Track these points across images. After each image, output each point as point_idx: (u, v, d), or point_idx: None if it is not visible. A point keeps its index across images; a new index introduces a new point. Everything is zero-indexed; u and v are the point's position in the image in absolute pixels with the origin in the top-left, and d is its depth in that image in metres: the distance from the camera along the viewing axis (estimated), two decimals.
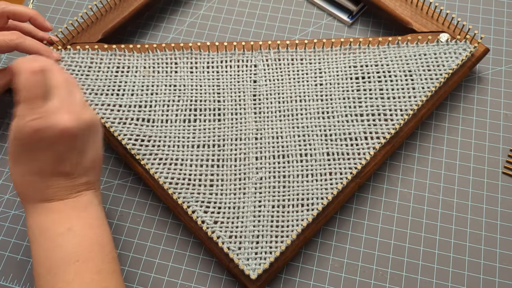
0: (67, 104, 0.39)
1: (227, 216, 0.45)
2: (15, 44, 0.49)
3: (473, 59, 0.51)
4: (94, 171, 0.42)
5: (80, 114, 0.39)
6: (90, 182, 0.42)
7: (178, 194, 0.46)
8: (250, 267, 0.43)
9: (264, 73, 0.51)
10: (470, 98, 0.54)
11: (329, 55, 0.52)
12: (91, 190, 0.42)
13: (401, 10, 0.54)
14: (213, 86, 0.51)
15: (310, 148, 0.47)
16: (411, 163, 0.51)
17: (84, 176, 0.41)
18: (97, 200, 0.42)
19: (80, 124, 0.39)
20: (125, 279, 0.47)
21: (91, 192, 0.42)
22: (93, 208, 0.41)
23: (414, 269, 0.46)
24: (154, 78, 0.51)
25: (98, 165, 0.43)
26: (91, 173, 0.42)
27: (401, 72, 0.50)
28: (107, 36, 0.55)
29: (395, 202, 0.49)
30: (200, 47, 0.52)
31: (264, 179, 0.46)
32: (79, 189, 0.41)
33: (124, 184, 0.51)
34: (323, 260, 0.47)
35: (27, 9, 0.51)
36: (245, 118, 0.49)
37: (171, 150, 0.48)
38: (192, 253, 0.48)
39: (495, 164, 0.50)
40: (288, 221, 0.44)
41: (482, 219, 0.48)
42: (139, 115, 0.49)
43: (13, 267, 0.48)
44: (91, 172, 0.42)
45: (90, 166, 0.41)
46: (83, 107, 0.40)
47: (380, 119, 0.48)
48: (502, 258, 0.46)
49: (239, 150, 0.48)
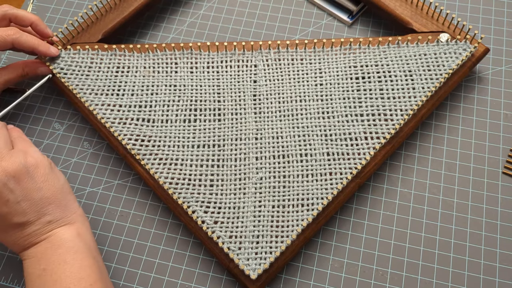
0: None
1: (227, 216, 0.45)
2: (12, 40, 0.48)
3: (473, 59, 0.51)
4: (53, 207, 0.41)
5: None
6: (55, 220, 0.40)
7: (178, 194, 0.46)
8: (250, 267, 0.43)
9: (264, 73, 0.51)
10: (470, 98, 0.54)
11: (329, 55, 0.52)
12: (64, 226, 0.41)
13: (401, 10, 0.54)
14: (213, 86, 0.51)
15: (310, 148, 0.47)
16: (411, 163, 0.51)
17: (43, 218, 0.40)
18: (74, 233, 0.41)
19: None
20: (125, 279, 0.47)
21: (64, 228, 0.41)
22: (68, 244, 0.40)
23: (414, 269, 0.46)
24: (154, 78, 0.51)
25: (56, 200, 0.41)
26: (49, 211, 0.40)
27: (401, 72, 0.50)
28: (107, 36, 0.55)
29: (395, 202, 0.49)
30: (200, 47, 0.52)
31: (264, 179, 0.46)
32: (46, 230, 0.40)
33: (124, 184, 0.51)
34: (323, 260, 0.47)
35: (30, 14, 0.51)
36: (245, 118, 0.49)
37: (171, 150, 0.48)
38: (192, 253, 0.48)
39: (495, 164, 0.50)
40: (288, 221, 0.44)
41: (482, 219, 0.48)
42: (139, 115, 0.49)
43: (13, 267, 0.48)
44: (49, 211, 0.40)
45: (42, 206, 0.40)
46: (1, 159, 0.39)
47: (380, 119, 0.48)
48: (502, 258, 0.46)
49: (239, 150, 0.48)
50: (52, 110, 0.56)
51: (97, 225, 0.49)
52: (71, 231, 0.41)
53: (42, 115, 0.55)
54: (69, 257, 0.39)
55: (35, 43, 0.50)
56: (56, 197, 0.41)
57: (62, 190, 0.42)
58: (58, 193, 0.41)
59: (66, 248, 0.40)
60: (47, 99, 0.57)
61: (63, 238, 0.40)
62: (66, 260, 0.39)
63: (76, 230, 0.41)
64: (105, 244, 0.48)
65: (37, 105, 0.56)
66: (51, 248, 0.40)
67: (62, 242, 0.40)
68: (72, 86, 0.51)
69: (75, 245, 0.40)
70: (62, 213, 0.41)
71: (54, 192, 0.41)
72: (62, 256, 0.39)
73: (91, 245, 0.42)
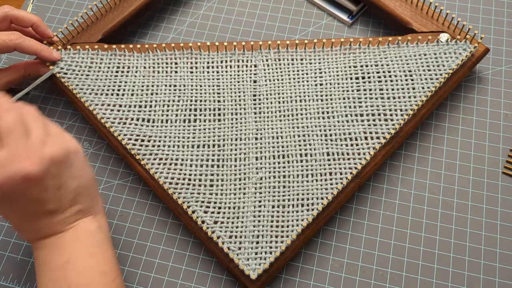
0: (21, 149, 0.35)
1: (227, 216, 0.45)
2: (15, 44, 0.48)
3: (473, 59, 0.51)
4: (85, 197, 0.40)
5: (40, 154, 0.36)
6: (84, 209, 0.40)
7: (178, 194, 0.46)
8: (250, 267, 0.43)
9: (264, 73, 0.51)
10: (470, 98, 0.54)
11: (329, 55, 0.52)
12: (89, 216, 0.40)
13: (401, 10, 0.54)
14: (213, 86, 0.51)
15: (310, 148, 0.47)
16: (411, 163, 0.51)
17: (74, 206, 0.39)
18: (97, 225, 0.40)
19: (43, 164, 0.36)
20: (125, 279, 0.47)
21: (89, 219, 0.40)
22: (94, 235, 0.39)
23: (414, 269, 0.46)
24: (154, 78, 0.51)
25: (89, 189, 0.40)
26: (81, 200, 0.39)
27: (401, 72, 0.50)
28: (107, 36, 0.55)
29: (395, 202, 0.49)
30: (200, 47, 0.52)
31: (264, 179, 0.46)
32: (73, 219, 0.39)
33: (124, 184, 0.51)
34: (323, 260, 0.47)
35: (30, 15, 0.51)
36: (245, 118, 0.49)
37: (171, 150, 0.48)
38: (192, 253, 0.48)
39: (495, 164, 0.50)
40: (288, 221, 0.44)
41: (482, 219, 0.48)
42: (139, 115, 0.49)
43: (13, 267, 0.48)
44: (81, 200, 0.39)
45: (77, 195, 0.39)
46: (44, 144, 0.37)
47: (380, 119, 0.48)
48: (502, 258, 0.46)
49: (239, 150, 0.48)
50: (52, 110, 0.56)
51: None
52: (96, 222, 0.40)
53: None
54: (96, 250, 0.39)
55: (38, 48, 0.50)
56: (89, 186, 0.40)
57: (93, 180, 0.41)
58: (91, 183, 0.41)
59: (93, 240, 0.39)
60: (47, 99, 0.57)
61: (90, 229, 0.39)
62: (93, 252, 0.38)
63: (99, 222, 0.41)
64: None
65: (37, 105, 0.56)
66: (77, 238, 0.38)
67: (89, 233, 0.39)
68: (72, 86, 0.51)
69: (101, 237, 0.40)
70: (91, 203, 0.40)
71: (88, 181, 0.40)
72: (90, 249, 0.38)
73: (110, 238, 0.41)
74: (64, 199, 0.38)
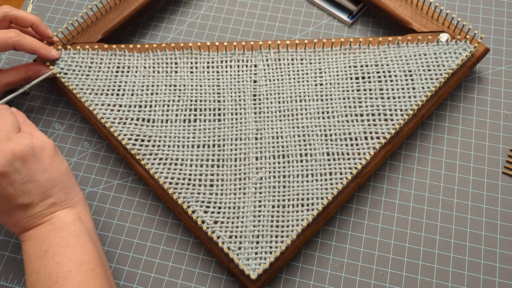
0: None
1: (227, 216, 0.45)
2: (14, 42, 0.48)
3: (473, 59, 0.51)
4: (57, 190, 0.41)
5: (2, 149, 0.38)
6: (58, 202, 0.41)
7: (178, 194, 0.46)
8: (250, 267, 0.43)
9: (264, 73, 0.51)
10: (470, 98, 0.54)
11: (329, 55, 0.52)
12: (66, 209, 0.41)
13: (401, 10, 0.54)
14: (213, 86, 0.51)
15: (310, 148, 0.47)
16: (411, 163, 0.51)
17: (47, 199, 0.41)
18: (74, 216, 0.41)
19: (5, 159, 0.38)
20: (125, 279, 0.47)
21: (65, 211, 0.41)
22: (69, 227, 0.40)
23: (414, 269, 0.46)
24: (154, 78, 0.51)
25: (61, 182, 0.42)
26: (54, 193, 0.41)
27: (401, 72, 0.50)
28: (107, 36, 0.55)
29: (395, 202, 0.49)
30: (200, 47, 0.52)
31: (264, 179, 0.46)
32: (48, 212, 0.40)
33: (124, 184, 0.51)
34: (323, 260, 0.47)
35: (30, 15, 0.51)
36: (245, 118, 0.49)
37: (171, 150, 0.48)
38: (192, 253, 0.48)
39: (495, 164, 0.50)
40: (288, 221, 0.44)
41: (482, 219, 0.48)
42: (139, 115, 0.49)
43: (13, 267, 0.48)
44: (54, 193, 0.41)
45: (48, 188, 0.41)
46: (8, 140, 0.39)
47: (380, 119, 0.48)
48: (502, 258, 0.46)
49: (239, 150, 0.48)
50: (52, 110, 0.56)
51: (97, 225, 0.49)
52: (73, 214, 0.41)
53: (42, 115, 0.55)
54: (72, 240, 0.40)
55: (37, 45, 0.50)
56: (61, 179, 0.42)
57: (67, 173, 0.42)
58: (63, 176, 0.42)
59: (68, 231, 0.40)
60: (47, 99, 0.57)
61: (65, 221, 0.41)
62: (69, 243, 0.39)
63: (77, 214, 0.42)
64: (105, 244, 0.48)
65: (37, 105, 0.56)
66: (53, 230, 0.40)
67: (64, 225, 0.40)
68: (72, 86, 0.51)
69: (77, 228, 0.41)
70: (66, 196, 0.42)
71: (59, 174, 0.42)
72: (65, 239, 0.40)
73: (91, 230, 0.42)
74: (34, 193, 0.40)
